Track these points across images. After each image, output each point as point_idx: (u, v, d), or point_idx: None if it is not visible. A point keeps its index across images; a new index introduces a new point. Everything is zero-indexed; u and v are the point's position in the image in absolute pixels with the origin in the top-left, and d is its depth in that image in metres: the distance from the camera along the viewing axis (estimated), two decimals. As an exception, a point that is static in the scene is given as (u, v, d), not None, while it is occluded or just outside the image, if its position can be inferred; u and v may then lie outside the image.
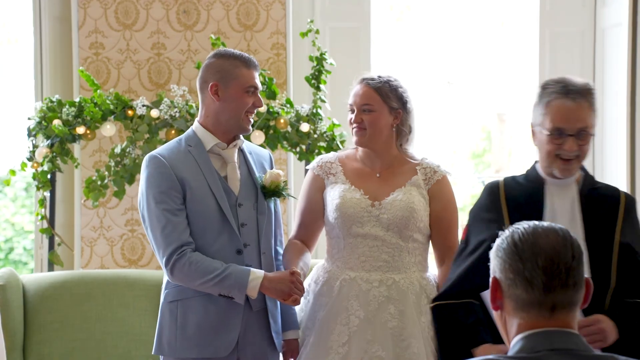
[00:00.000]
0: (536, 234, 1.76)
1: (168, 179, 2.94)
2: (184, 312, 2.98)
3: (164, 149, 3.03)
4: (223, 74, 2.99)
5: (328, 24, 5.47)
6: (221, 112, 3.01)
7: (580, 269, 1.76)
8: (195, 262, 2.90)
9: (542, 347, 1.72)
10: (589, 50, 5.55)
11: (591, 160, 5.57)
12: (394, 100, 3.13)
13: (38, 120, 4.68)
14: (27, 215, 9.24)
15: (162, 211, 2.91)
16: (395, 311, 3.04)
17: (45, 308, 4.21)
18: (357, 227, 3.10)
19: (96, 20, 5.19)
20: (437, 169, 3.16)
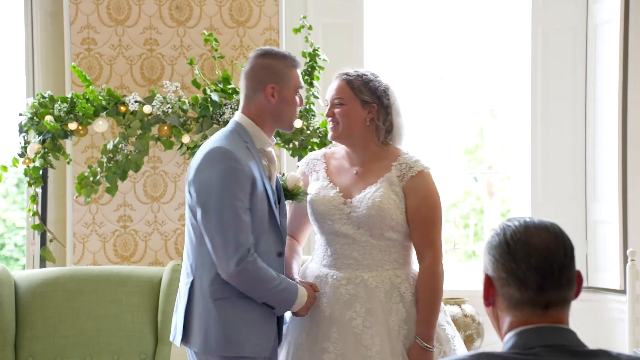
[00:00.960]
0: (528, 232, 1.75)
1: (242, 176, 2.87)
2: (232, 310, 2.94)
3: (229, 143, 2.93)
4: (280, 75, 2.99)
5: (321, 19, 5.46)
6: (277, 112, 3.00)
7: (573, 266, 1.77)
8: (261, 268, 2.89)
9: (535, 343, 1.72)
10: (581, 47, 5.56)
11: (583, 154, 5.59)
12: (366, 93, 3.10)
13: (30, 116, 4.67)
14: (18, 212, 9.21)
15: (237, 209, 2.85)
16: (361, 309, 3.04)
17: (37, 304, 4.20)
18: (329, 224, 3.10)
19: (88, 16, 5.17)
20: (413, 165, 3.09)
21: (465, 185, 9.01)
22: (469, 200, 9.02)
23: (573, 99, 5.59)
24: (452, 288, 5.54)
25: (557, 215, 5.54)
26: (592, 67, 5.54)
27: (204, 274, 2.93)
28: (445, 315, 3.18)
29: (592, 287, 5.51)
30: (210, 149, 2.90)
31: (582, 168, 5.60)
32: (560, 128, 5.60)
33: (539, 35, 5.58)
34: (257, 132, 2.99)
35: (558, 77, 5.59)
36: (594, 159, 5.54)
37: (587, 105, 5.58)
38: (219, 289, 2.92)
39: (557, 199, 5.60)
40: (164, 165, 5.19)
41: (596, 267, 5.50)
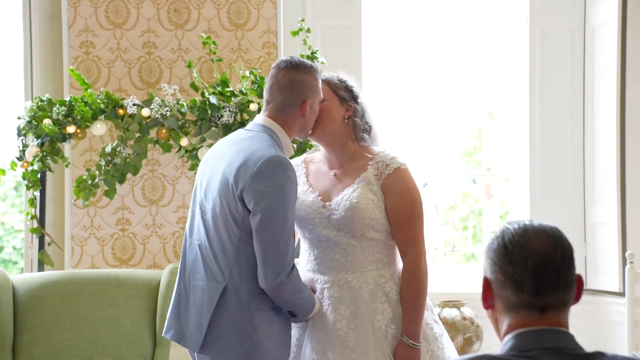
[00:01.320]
0: (526, 235, 1.76)
1: (296, 189, 2.94)
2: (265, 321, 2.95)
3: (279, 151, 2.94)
4: (313, 90, 3.04)
5: (319, 22, 5.46)
6: (305, 124, 3.05)
7: (571, 269, 1.77)
8: (299, 278, 2.95)
9: (532, 345, 1.73)
10: (578, 49, 5.57)
11: (581, 156, 5.59)
12: (343, 91, 3.14)
13: (28, 119, 4.66)
14: (16, 215, 9.21)
15: (292, 223, 2.90)
16: (345, 311, 3.04)
17: (35, 308, 4.20)
18: (309, 229, 3.11)
19: (87, 19, 5.17)
20: (390, 162, 3.10)
21: (463, 188, 9.01)
22: (467, 203, 9.02)
23: (571, 101, 5.59)
24: (451, 290, 5.54)
25: (555, 217, 5.53)
26: (590, 69, 5.55)
27: (242, 282, 2.91)
28: (433, 313, 3.18)
29: (591, 289, 5.51)
30: (270, 157, 2.87)
31: (580, 170, 5.60)
32: (559, 130, 5.61)
33: (537, 37, 5.58)
34: (287, 140, 3.02)
35: (556, 79, 5.60)
36: (592, 161, 5.54)
37: (585, 107, 5.58)
38: (259, 300, 2.92)
39: (556, 201, 5.60)
40: (163, 168, 5.18)
41: (595, 270, 5.50)
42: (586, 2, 5.55)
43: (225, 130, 4.54)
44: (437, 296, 5.41)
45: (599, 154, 5.49)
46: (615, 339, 5.34)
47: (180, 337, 3.02)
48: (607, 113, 5.40)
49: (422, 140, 8.29)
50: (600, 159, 5.48)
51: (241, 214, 2.88)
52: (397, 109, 6.84)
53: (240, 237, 2.89)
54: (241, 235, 2.89)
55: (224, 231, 2.92)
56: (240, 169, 2.89)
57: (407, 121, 7.68)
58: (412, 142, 8.38)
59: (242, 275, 2.90)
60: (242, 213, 2.88)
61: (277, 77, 3.02)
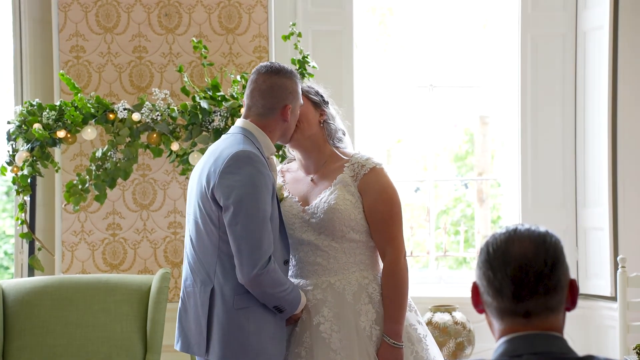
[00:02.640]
0: (509, 241, 1.75)
1: (269, 181, 2.92)
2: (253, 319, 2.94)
3: (250, 147, 2.95)
4: (293, 95, 3.06)
5: (310, 27, 5.46)
6: (287, 128, 3.07)
7: (555, 274, 1.74)
8: (278, 270, 2.92)
9: (523, 350, 1.72)
10: (570, 53, 5.57)
11: (573, 161, 5.59)
12: (314, 95, 3.18)
13: (18, 124, 4.64)
14: (8, 220, 9.18)
15: (265, 215, 2.88)
16: (329, 314, 3.05)
17: (25, 313, 4.17)
18: (290, 233, 3.12)
19: (77, 24, 5.16)
20: (365, 163, 3.12)
21: (455, 192, 9.01)
22: (459, 207, 9.02)
23: (563, 105, 5.60)
24: (443, 295, 5.53)
25: (547, 222, 5.53)
26: (581, 74, 5.55)
27: (226, 282, 2.91)
28: (417, 315, 3.20)
29: (583, 294, 5.51)
30: (235, 152, 2.90)
31: (572, 175, 5.60)
32: (550, 134, 5.61)
33: (528, 41, 5.59)
34: (265, 139, 3.03)
35: (548, 84, 5.60)
36: (584, 166, 5.54)
37: (577, 111, 5.59)
38: (243, 298, 2.91)
39: (548, 206, 5.60)
40: (153, 173, 5.17)
41: (587, 274, 5.50)
42: (577, 6, 5.56)
43: (217, 134, 4.53)
44: (429, 301, 5.40)
45: (590, 159, 5.49)
46: (607, 344, 5.34)
47: (187, 347, 3.03)
48: (598, 117, 5.41)
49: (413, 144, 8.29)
50: (591, 163, 5.48)
51: (216, 213, 2.90)
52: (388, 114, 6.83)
53: (219, 236, 2.90)
54: (219, 234, 2.90)
55: (205, 233, 2.94)
56: (211, 169, 2.93)
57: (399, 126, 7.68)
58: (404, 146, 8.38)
59: (225, 275, 2.91)
60: (216, 212, 2.89)
61: (257, 82, 3.04)
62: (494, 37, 6.14)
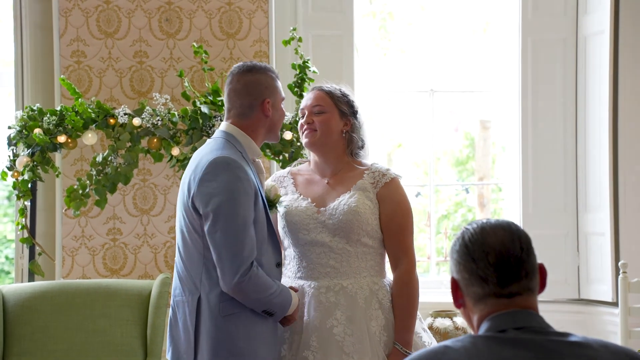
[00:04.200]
0: (484, 232, 1.88)
1: (248, 186, 2.87)
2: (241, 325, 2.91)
3: (230, 152, 2.92)
4: (271, 89, 3.03)
5: (311, 31, 5.46)
6: (271, 125, 3.04)
7: (531, 259, 1.88)
8: (261, 275, 2.87)
9: (506, 325, 1.83)
10: (571, 58, 5.57)
11: (574, 166, 5.59)
12: (344, 105, 3.17)
13: (19, 129, 4.65)
14: (9, 224, 9.18)
15: (245, 221, 2.84)
16: (342, 317, 3.05)
17: (25, 318, 4.17)
18: (303, 234, 3.12)
19: (78, 29, 5.16)
20: (386, 172, 3.16)
21: (456, 197, 9.00)
22: (460, 212, 9.01)
23: (563, 110, 5.60)
24: (444, 300, 5.53)
25: (548, 226, 5.53)
26: (582, 78, 5.55)
27: (211, 289, 2.88)
28: (422, 322, 3.22)
29: (585, 299, 5.50)
30: (213, 159, 2.87)
31: (573, 179, 5.60)
32: (551, 139, 5.60)
33: (529, 46, 5.59)
34: (249, 142, 3.00)
35: (548, 88, 5.60)
36: (585, 170, 5.54)
37: (578, 116, 5.59)
38: (228, 305, 2.88)
39: (549, 211, 5.59)
40: (154, 178, 5.17)
41: (588, 279, 5.49)
42: (578, 11, 5.56)
43: (217, 139, 4.52)
44: (429, 306, 5.40)
45: (591, 164, 5.49)
46: (608, 349, 5.32)
47: (177, 356, 2.99)
48: (599, 122, 5.40)
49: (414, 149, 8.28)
50: (592, 168, 5.48)
51: (198, 221, 2.88)
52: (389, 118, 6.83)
53: (203, 244, 2.88)
54: (203, 242, 2.88)
55: (190, 242, 2.92)
56: (191, 177, 2.91)
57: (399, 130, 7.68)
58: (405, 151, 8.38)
59: (211, 282, 2.88)
60: (198, 220, 2.87)
61: (232, 83, 3.04)
62: (494, 41, 6.14)
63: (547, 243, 5.48)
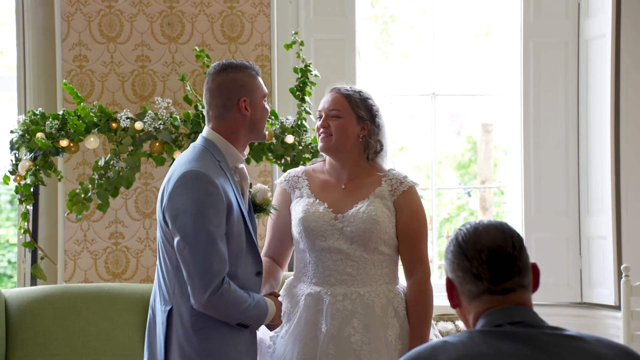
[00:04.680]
0: (477, 232, 1.94)
1: (219, 200, 2.76)
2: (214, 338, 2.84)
3: (203, 164, 2.81)
4: (247, 87, 2.91)
5: (313, 35, 5.46)
6: (250, 124, 2.92)
7: (523, 256, 1.93)
8: (233, 290, 2.79)
9: (502, 320, 1.88)
10: (572, 61, 5.57)
11: (576, 169, 5.59)
12: (362, 109, 3.12)
13: (21, 133, 4.65)
14: (12, 228, 9.19)
15: (214, 237, 2.74)
16: (359, 325, 3.02)
17: (27, 323, 4.17)
18: (320, 240, 3.08)
19: (80, 33, 5.17)
20: (404, 180, 3.12)
21: (458, 200, 9.00)
22: (462, 215, 9.01)
23: (565, 113, 5.60)
24: (447, 304, 5.52)
25: (550, 230, 5.53)
26: (584, 82, 5.55)
27: (183, 302, 2.81)
28: (434, 329, 3.20)
29: (587, 302, 5.50)
30: (183, 173, 2.78)
31: (575, 183, 5.59)
32: (553, 142, 5.60)
33: (530, 49, 5.59)
34: (229, 149, 2.90)
35: (550, 92, 5.60)
36: (587, 174, 5.54)
37: (580, 119, 5.59)
38: (200, 318, 2.81)
39: (551, 214, 5.59)
40: (156, 182, 5.17)
41: (590, 283, 5.49)
42: (580, 14, 5.56)
43: (219, 143, 4.53)
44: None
45: (593, 167, 5.49)
46: (610, 352, 5.32)
47: None
48: (601, 125, 5.40)
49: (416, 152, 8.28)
50: (594, 171, 5.48)
51: (169, 233, 2.80)
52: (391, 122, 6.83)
53: (175, 257, 2.80)
54: (175, 255, 2.79)
55: (164, 252, 2.85)
56: (164, 189, 2.84)
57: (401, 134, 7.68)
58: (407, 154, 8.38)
59: (183, 295, 2.80)
60: (169, 232, 2.80)
61: (208, 84, 2.93)
62: (496, 45, 6.14)
63: (549, 246, 5.48)
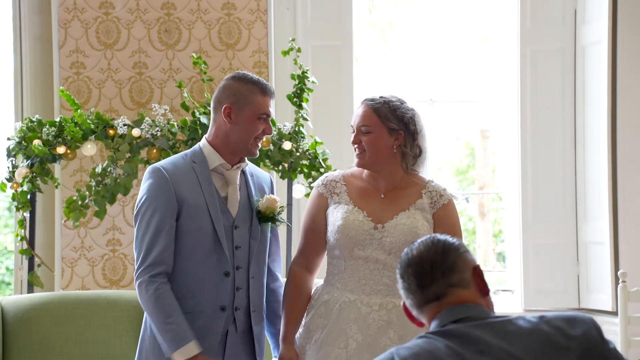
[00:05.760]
0: (408, 252, 2.10)
1: (167, 194, 2.93)
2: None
3: (168, 162, 3.02)
4: (239, 97, 2.98)
5: (310, 42, 5.47)
6: (232, 134, 2.99)
7: (448, 259, 2.04)
8: (158, 297, 2.88)
9: (446, 321, 1.99)
10: (569, 67, 5.58)
11: (573, 175, 5.59)
12: (393, 121, 3.06)
13: (18, 140, 4.65)
14: (10, 235, 9.18)
15: (157, 226, 2.91)
16: (394, 336, 3.00)
17: (24, 330, 4.16)
18: (358, 249, 3.05)
19: (77, 40, 5.17)
20: (443, 193, 3.09)
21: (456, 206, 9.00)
22: (460, 221, 9.00)
23: (562, 119, 5.60)
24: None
25: (548, 235, 5.53)
26: (580, 88, 5.56)
27: None
28: None
29: (584, 308, 5.49)
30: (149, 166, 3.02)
31: (572, 188, 5.60)
32: (551, 148, 5.61)
33: (528, 56, 5.60)
34: (211, 153, 3.00)
35: (547, 98, 5.61)
36: (584, 180, 5.54)
37: (577, 125, 5.59)
38: None
39: (548, 220, 5.59)
40: (153, 189, 5.16)
41: (588, 289, 5.49)
42: (576, 21, 5.57)
43: (216, 150, 4.53)
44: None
45: (590, 173, 5.49)
46: (609, 358, 5.32)
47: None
48: (598, 131, 5.41)
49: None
50: (592, 177, 5.48)
51: None
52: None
53: None
54: None
55: None
56: None
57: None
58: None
59: None
60: None
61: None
62: (493, 51, 6.15)
63: (546, 252, 5.48)
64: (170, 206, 2.92)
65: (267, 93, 3.01)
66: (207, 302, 2.94)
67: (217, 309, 2.95)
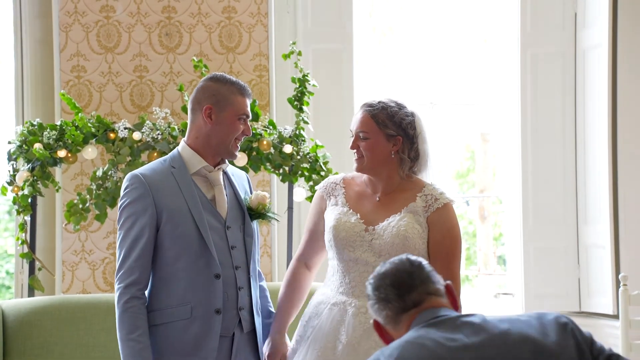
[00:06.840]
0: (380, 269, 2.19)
1: (144, 200, 2.92)
2: (166, 336, 2.93)
3: (147, 168, 3.00)
4: (219, 98, 2.97)
5: (310, 45, 5.47)
6: (212, 135, 2.98)
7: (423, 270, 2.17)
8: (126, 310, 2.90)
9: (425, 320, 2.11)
10: (569, 71, 5.59)
11: (574, 178, 5.59)
12: (391, 127, 3.05)
13: (19, 143, 4.65)
14: (10, 239, 9.18)
15: (133, 235, 2.91)
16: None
17: (25, 334, 4.16)
18: (349, 251, 3.05)
19: (78, 44, 5.18)
20: (439, 197, 3.06)
21: (457, 209, 9.01)
22: (461, 224, 9.00)
23: (563, 122, 5.61)
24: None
25: (548, 238, 5.53)
26: (581, 91, 5.56)
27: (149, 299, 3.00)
28: None
29: (585, 312, 5.49)
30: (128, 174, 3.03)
31: (573, 192, 5.60)
32: (551, 152, 5.61)
33: (528, 59, 5.60)
34: (191, 156, 3.00)
35: (548, 101, 5.61)
36: (584, 183, 5.54)
37: (577, 128, 5.60)
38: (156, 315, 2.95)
39: (549, 223, 5.59)
40: (154, 192, 5.16)
41: (589, 292, 5.49)
42: (577, 24, 5.58)
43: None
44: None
45: (591, 176, 5.49)
46: (609, 362, 5.31)
47: None
48: (598, 135, 5.41)
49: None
50: (592, 180, 5.48)
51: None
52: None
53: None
54: None
55: None
56: None
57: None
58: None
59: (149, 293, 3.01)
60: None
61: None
62: (493, 55, 6.15)
63: (547, 255, 5.48)
64: (148, 215, 2.91)
65: (245, 94, 3.02)
66: (200, 307, 2.94)
67: (212, 313, 2.95)
